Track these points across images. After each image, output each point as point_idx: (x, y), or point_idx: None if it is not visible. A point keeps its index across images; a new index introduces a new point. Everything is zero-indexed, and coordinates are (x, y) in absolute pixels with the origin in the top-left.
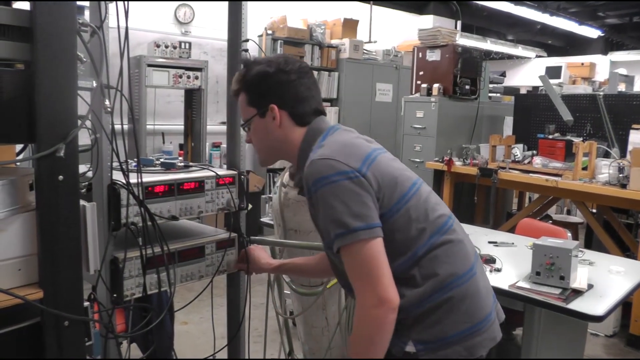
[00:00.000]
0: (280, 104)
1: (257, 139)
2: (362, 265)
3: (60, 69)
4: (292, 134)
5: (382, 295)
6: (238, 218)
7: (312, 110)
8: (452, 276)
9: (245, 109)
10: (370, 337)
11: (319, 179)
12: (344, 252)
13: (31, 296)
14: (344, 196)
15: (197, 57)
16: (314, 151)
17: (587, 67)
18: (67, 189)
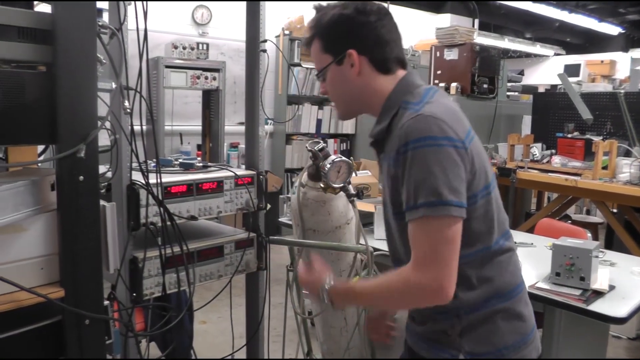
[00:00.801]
0: (359, 49)
1: (334, 89)
2: (439, 243)
3: (80, 70)
4: (374, 82)
5: (444, 283)
6: (257, 218)
7: (394, 56)
8: (510, 285)
9: (320, 57)
10: (400, 298)
11: (426, 137)
12: (424, 222)
13: (53, 295)
14: (446, 164)
15: (214, 58)
16: (414, 105)
17: (607, 65)
18: (87, 189)
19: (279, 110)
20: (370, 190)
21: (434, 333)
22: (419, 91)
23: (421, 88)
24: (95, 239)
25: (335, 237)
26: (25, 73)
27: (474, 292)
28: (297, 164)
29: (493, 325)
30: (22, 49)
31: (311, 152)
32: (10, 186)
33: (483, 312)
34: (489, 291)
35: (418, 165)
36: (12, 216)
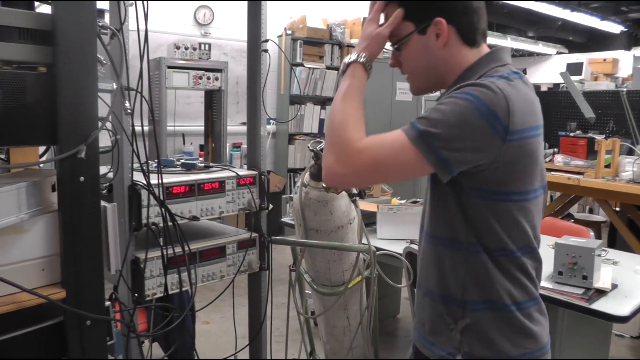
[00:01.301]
0: (448, 17)
1: (412, 61)
2: (390, 152)
3: (81, 71)
4: (459, 55)
5: (347, 171)
6: (259, 218)
7: (482, 27)
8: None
9: (399, 25)
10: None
11: (475, 94)
12: (398, 132)
13: (54, 296)
14: (468, 124)
15: (216, 58)
16: (490, 75)
17: (610, 63)
18: (88, 189)
19: (281, 110)
20: (372, 189)
21: (437, 324)
22: (504, 69)
23: (508, 67)
24: (97, 240)
25: (337, 237)
26: (26, 74)
27: (482, 288)
28: (299, 164)
29: (495, 330)
30: (22, 50)
31: (313, 152)
32: (11, 187)
33: (487, 313)
34: (497, 292)
35: (449, 102)
36: (14, 217)
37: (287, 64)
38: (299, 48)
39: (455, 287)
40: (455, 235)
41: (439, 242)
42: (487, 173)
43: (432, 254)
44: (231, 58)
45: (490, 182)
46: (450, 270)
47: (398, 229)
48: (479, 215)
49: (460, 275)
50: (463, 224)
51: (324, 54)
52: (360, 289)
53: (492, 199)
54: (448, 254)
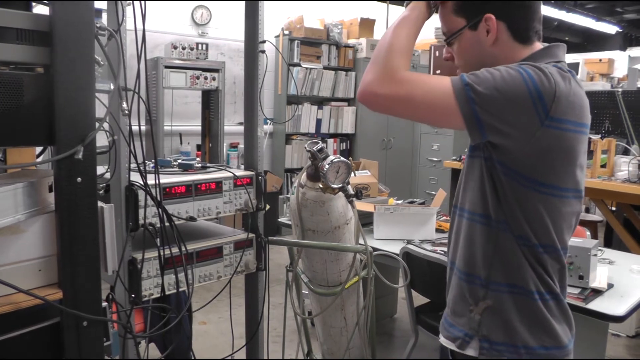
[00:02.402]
0: (498, 13)
1: (464, 56)
2: (428, 86)
3: (78, 72)
4: (510, 52)
5: (389, 91)
6: (256, 218)
7: (535, 25)
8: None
9: (450, 19)
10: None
11: (527, 69)
12: (445, 78)
13: (51, 296)
14: (511, 93)
15: (214, 58)
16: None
17: (606, 64)
18: (85, 190)
19: (278, 110)
20: (369, 190)
21: (459, 305)
22: (552, 59)
23: (563, 64)
24: (94, 241)
25: (334, 237)
26: (24, 75)
27: (508, 271)
28: (296, 164)
29: (516, 315)
30: (20, 50)
31: (310, 152)
32: (8, 188)
33: (510, 296)
34: (523, 277)
35: (502, 69)
36: (11, 218)
37: (284, 64)
38: (296, 48)
39: (482, 265)
40: (487, 210)
41: (471, 216)
42: (518, 155)
43: (464, 229)
44: (228, 58)
45: (521, 164)
46: (479, 246)
47: (395, 229)
48: (505, 197)
49: (488, 253)
50: (495, 199)
51: (321, 54)
52: (357, 289)
53: (519, 182)
54: (479, 229)
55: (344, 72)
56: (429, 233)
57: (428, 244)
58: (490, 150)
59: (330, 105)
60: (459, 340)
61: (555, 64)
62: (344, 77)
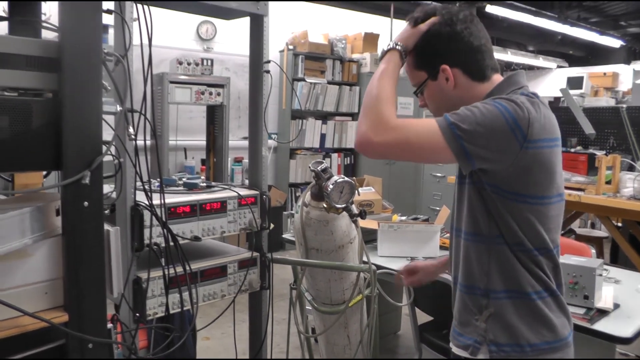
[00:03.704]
0: (451, 62)
1: (433, 103)
2: (420, 131)
3: (86, 98)
4: (472, 91)
5: (381, 141)
6: (260, 238)
7: (487, 62)
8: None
9: (414, 73)
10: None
11: (500, 101)
12: (431, 120)
13: (57, 319)
14: (493, 125)
15: (219, 73)
16: (514, 92)
17: (610, 77)
18: (92, 214)
19: (282, 125)
20: (373, 206)
21: (464, 315)
22: (516, 87)
23: (525, 89)
24: (99, 264)
25: (338, 256)
26: (32, 101)
27: (504, 277)
28: (300, 179)
29: (517, 317)
30: (29, 77)
31: (314, 172)
32: (16, 213)
33: (509, 301)
34: (518, 282)
35: (479, 105)
36: (18, 242)
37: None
38: (300, 63)
39: (480, 277)
40: (480, 229)
41: (466, 236)
42: (504, 175)
43: (460, 248)
44: (233, 73)
45: (508, 183)
46: (475, 261)
47: (399, 246)
48: (498, 212)
49: (484, 265)
50: (486, 218)
51: (326, 68)
52: (361, 307)
53: (508, 198)
54: (473, 246)
55: (348, 86)
56: (432, 250)
57: (432, 261)
58: (479, 175)
59: (335, 119)
60: (470, 347)
61: (522, 92)
62: (348, 91)
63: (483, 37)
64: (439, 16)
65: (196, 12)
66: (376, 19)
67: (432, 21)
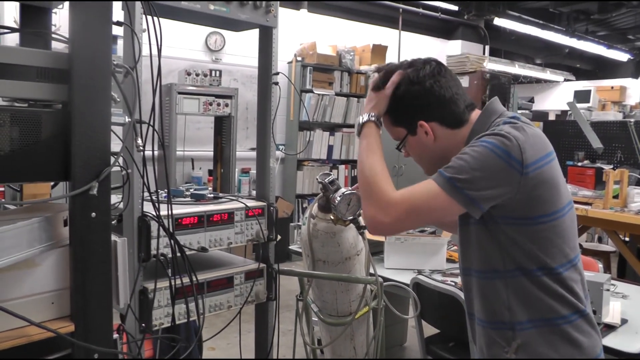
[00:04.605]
0: (426, 117)
1: (416, 155)
2: (423, 200)
3: (95, 109)
4: (454, 139)
5: (390, 220)
6: (267, 249)
7: (463, 108)
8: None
9: (393, 130)
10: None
11: (490, 141)
12: (429, 181)
13: (63, 329)
14: (490, 168)
15: (227, 83)
16: (497, 125)
17: (617, 91)
18: (99, 225)
19: (290, 136)
20: None
21: (494, 349)
22: (495, 116)
23: (499, 113)
24: (106, 274)
25: (345, 268)
26: (42, 112)
27: (527, 308)
28: (308, 190)
29: (544, 345)
30: (39, 88)
31: (321, 184)
32: (24, 223)
33: (535, 330)
34: (541, 310)
35: (469, 151)
36: (26, 252)
37: (296, 90)
38: (308, 74)
39: (502, 312)
40: (494, 265)
41: (479, 274)
42: (514, 204)
43: (472, 285)
44: (241, 84)
45: (519, 210)
46: (493, 298)
47: (405, 258)
48: (514, 242)
49: (504, 300)
50: (498, 254)
51: (334, 80)
52: (367, 319)
53: (524, 224)
54: (489, 284)
55: (356, 98)
56: (439, 263)
57: (439, 274)
58: (490, 212)
59: (342, 131)
60: None
61: (504, 120)
62: (356, 103)
63: (454, 86)
64: (402, 73)
65: (205, 23)
66: (384, 31)
67: (393, 81)
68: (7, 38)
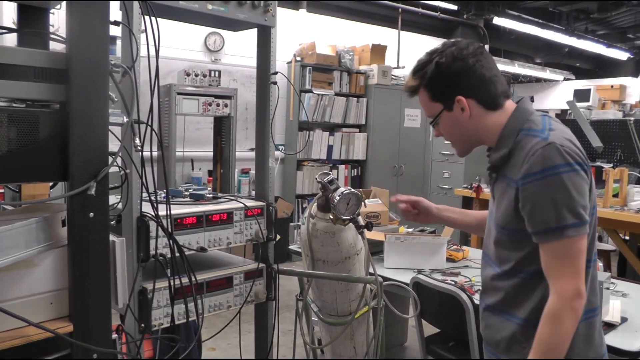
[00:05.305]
0: (465, 93)
1: (449, 133)
2: (577, 257)
3: (93, 109)
4: (487, 120)
5: (581, 289)
6: (266, 249)
7: (500, 91)
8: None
9: (429, 105)
10: (567, 329)
11: (563, 164)
12: (567, 242)
13: (62, 329)
14: (580, 187)
15: (226, 84)
16: (539, 132)
17: (617, 90)
18: (98, 225)
19: (290, 136)
20: (380, 218)
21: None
22: (537, 119)
23: (536, 115)
24: (105, 274)
25: (344, 268)
26: (40, 112)
27: None
28: (307, 190)
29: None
30: (37, 88)
31: (321, 183)
32: (23, 223)
33: None
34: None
35: (558, 191)
36: (25, 253)
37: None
38: (308, 74)
39: (531, 311)
40: (533, 266)
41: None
42: None
43: (515, 285)
44: (241, 84)
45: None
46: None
47: (405, 258)
48: None
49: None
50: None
51: (333, 80)
52: (367, 318)
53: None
54: (528, 284)
55: (356, 98)
56: (439, 263)
57: (438, 273)
58: None
59: (342, 131)
60: None
61: (543, 130)
62: (356, 103)
63: (494, 68)
64: (449, 50)
65: (204, 23)
66: (384, 31)
67: None
68: (5, 38)
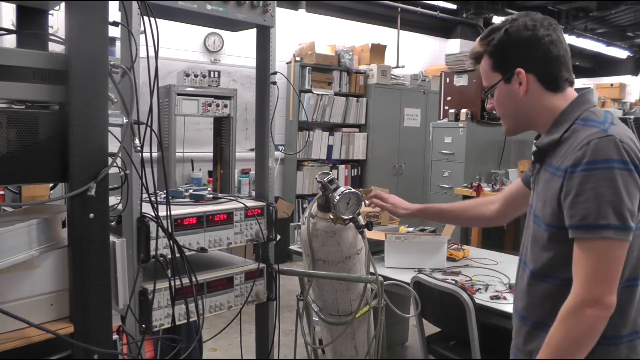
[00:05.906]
0: (527, 67)
1: (502, 106)
2: (604, 263)
3: (92, 110)
4: (543, 101)
5: (605, 299)
6: (267, 249)
7: (563, 74)
8: (638, 327)
9: (489, 74)
10: (576, 336)
11: (616, 160)
12: (604, 244)
13: (62, 330)
14: (631, 188)
15: (226, 84)
16: (599, 124)
17: (617, 88)
18: (98, 226)
19: (289, 136)
20: (380, 217)
21: None
22: (599, 110)
23: (599, 108)
24: (105, 275)
25: (345, 267)
26: (39, 113)
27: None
28: (307, 190)
29: None
30: (36, 89)
31: (321, 183)
32: (23, 225)
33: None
34: (623, 322)
35: (605, 186)
36: (25, 254)
37: (295, 90)
38: (307, 74)
39: None
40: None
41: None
42: None
43: (543, 291)
44: (240, 85)
45: None
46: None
47: (406, 257)
48: None
49: None
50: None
51: (333, 80)
52: (368, 318)
53: None
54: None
55: (355, 98)
56: (440, 262)
57: (439, 272)
58: None
59: (342, 131)
60: None
61: (604, 121)
62: (355, 103)
63: (562, 48)
64: (522, 20)
65: (203, 24)
66: (383, 30)
67: None
68: (4, 40)
